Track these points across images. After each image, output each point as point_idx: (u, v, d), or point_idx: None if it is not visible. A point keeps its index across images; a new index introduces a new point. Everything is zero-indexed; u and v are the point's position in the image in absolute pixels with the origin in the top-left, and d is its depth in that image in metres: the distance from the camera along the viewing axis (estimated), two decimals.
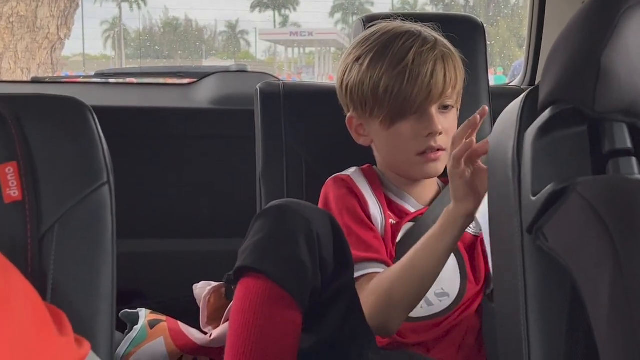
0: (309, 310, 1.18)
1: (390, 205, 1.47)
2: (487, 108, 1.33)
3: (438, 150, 1.42)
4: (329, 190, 1.47)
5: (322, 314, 1.22)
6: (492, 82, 1.82)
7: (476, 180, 1.29)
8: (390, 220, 1.45)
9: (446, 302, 1.42)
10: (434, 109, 1.41)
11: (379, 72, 1.41)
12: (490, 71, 1.88)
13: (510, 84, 2.47)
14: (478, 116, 1.30)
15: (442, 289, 1.42)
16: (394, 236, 1.43)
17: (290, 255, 1.16)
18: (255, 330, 1.14)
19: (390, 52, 1.41)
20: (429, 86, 1.39)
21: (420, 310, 1.41)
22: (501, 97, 1.69)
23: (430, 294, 1.41)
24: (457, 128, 1.48)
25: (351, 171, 1.51)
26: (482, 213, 1.29)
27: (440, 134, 1.41)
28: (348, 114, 1.51)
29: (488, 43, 1.78)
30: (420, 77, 1.38)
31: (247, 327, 1.15)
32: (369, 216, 1.43)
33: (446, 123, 1.43)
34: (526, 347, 0.90)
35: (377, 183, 1.49)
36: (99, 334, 0.98)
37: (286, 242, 1.18)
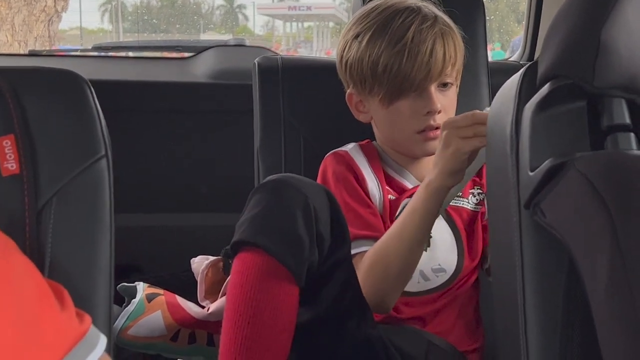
0: (306, 285, 1.19)
1: (389, 181, 1.47)
2: None
3: (437, 128, 1.41)
4: (327, 165, 1.47)
5: (319, 289, 1.23)
6: (490, 58, 1.81)
7: (472, 156, 1.29)
8: (389, 196, 1.45)
9: (443, 278, 1.43)
10: (433, 87, 1.40)
11: (378, 50, 1.40)
12: (489, 47, 1.88)
13: (509, 59, 2.46)
14: None
15: (439, 264, 1.42)
16: (393, 212, 1.43)
17: (287, 230, 1.16)
18: (252, 304, 1.15)
19: (389, 29, 1.40)
20: (428, 64, 1.38)
21: (417, 285, 1.41)
22: (500, 72, 1.69)
23: (426, 270, 1.41)
24: (457, 105, 1.49)
25: (349, 147, 1.50)
26: None
27: (439, 112, 1.41)
28: (348, 91, 1.51)
29: (487, 18, 1.77)
30: (420, 55, 1.38)
31: (244, 300, 1.15)
32: (366, 192, 1.43)
33: (445, 101, 1.42)
34: (523, 322, 0.90)
35: (376, 159, 1.49)
36: (97, 307, 0.98)
37: (283, 216, 1.18)
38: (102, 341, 0.85)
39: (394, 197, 1.45)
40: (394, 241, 1.32)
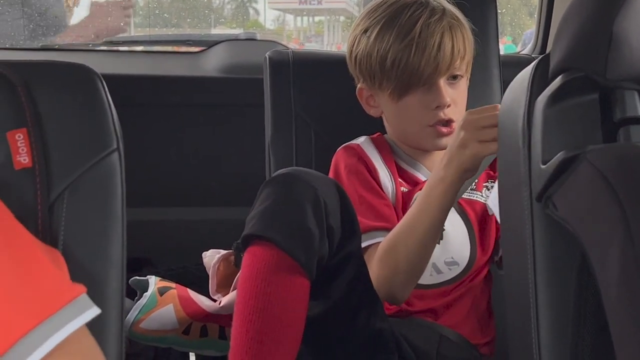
0: (316, 279, 1.19)
1: (402, 174, 1.47)
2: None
3: (448, 121, 1.41)
4: (339, 159, 1.47)
5: (329, 282, 1.23)
6: (501, 52, 1.80)
7: None
8: (402, 188, 1.45)
9: (456, 271, 1.43)
10: (442, 81, 1.40)
11: (386, 45, 1.40)
12: (501, 40, 1.87)
13: (521, 53, 2.45)
14: None
15: (452, 257, 1.42)
16: (405, 204, 1.43)
17: (297, 223, 1.17)
18: (262, 297, 1.15)
19: (397, 23, 1.40)
20: (436, 59, 1.37)
21: (430, 278, 1.41)
22: (511, 65, 1.69)
23: (439, 263, 1.41)
24: (468, 98, 1.48)
25: (361, 140, 1.51)
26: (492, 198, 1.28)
27: (449, 105, 1.40)
28: (358, 85, 1.51)
29: (498, 12, 1.76)
30: (428, 49, 1.37)
31: (254, 294, 1.16)
32: (379, 184, 1.43)
33: (455, 94, 1.42)
34: (534, 315, 0.90)
35: (388, 152, 1.49)
36: (109, 300, 0.98)
37: (293, 209, 1.18)
38: (94, 310, 0.85)
39: (406, 190, 1.45)
40: (407, 234, 1.31)
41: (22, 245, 0.83)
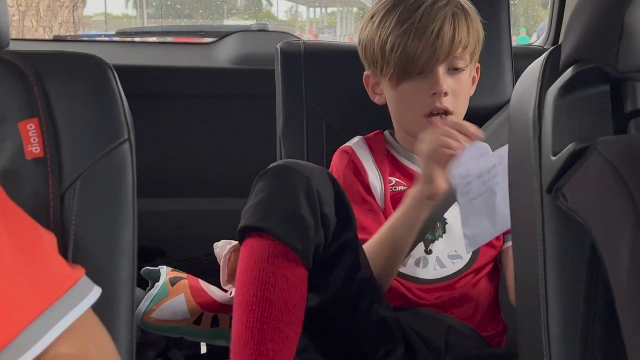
0: (315, 269, 1.20)
1: (401, 171, 1.46)
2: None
3: (446, 113, 1.40)
4: (334, 164, 1.47)
5: (328, 272, 1.24)
6: (515, 44, 1.80)
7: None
8: (401, 188, 1.44)
9: (459, 265, 1.42)
10: (441, 70, 1.38)
11: (388, 30, 1.40)
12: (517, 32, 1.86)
13: (534, 44, 2.44)
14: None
15: (455, 251, 1.42)
16: (401, 203, 1.42)
17: (292, 212, 1.17)
18: (261, 287, 1.16)
19: (401, 9, 1.40)
20: (434, 45, 1.36)
21: (433, 272, 1.41)
22: (524, 57, 1.68)
23: (443, 256, 1.41)
24: (481, 90, 1.48)
25: (354, 141, 1.50)
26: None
27: (446, 95, 1.39)
28: (365, 72, 1.51)
29: (512, 3, 1.75)
30: (426, 35, 1.36)
31: (253, 285, 1.16)
32: (368, 186, 1.43)
33: (455, 85, 1.40)
34: (544, 307, 0.90)
35: (383, 151, 1.48)
36: (120, 289, 0.99)
37: (287, 199, 1.18)
38: (96, 291, 0.86)
39: (405, 187, 1.44)
40: (378, 248, 1.33)
41: (23, 231, 0.84)
